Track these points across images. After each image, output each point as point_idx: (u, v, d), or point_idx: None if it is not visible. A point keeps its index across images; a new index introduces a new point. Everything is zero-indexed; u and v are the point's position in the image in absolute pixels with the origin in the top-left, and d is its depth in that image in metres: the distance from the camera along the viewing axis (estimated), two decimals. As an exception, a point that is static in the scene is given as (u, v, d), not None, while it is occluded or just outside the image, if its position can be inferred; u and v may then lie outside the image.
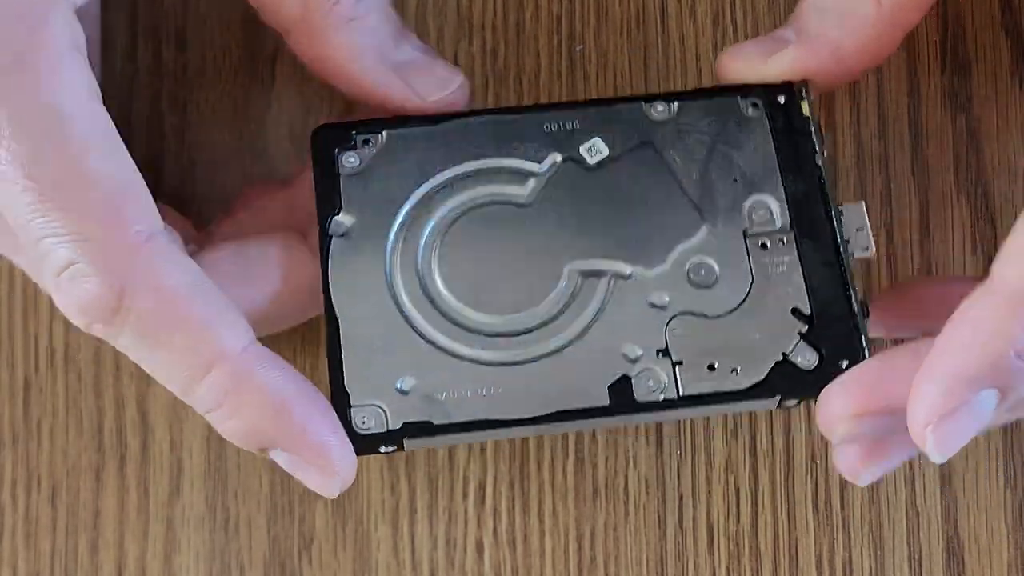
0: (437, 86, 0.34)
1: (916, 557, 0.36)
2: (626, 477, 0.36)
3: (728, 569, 0.36)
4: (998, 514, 0.36)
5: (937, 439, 0.28)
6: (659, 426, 0.37)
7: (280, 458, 0.31)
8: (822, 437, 0.36)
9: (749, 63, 0.34)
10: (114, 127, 0.30)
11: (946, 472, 0.36)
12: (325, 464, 0.30)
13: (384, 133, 0.34)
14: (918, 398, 0.28)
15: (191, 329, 0.30)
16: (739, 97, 0.34)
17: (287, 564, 0.37)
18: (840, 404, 0.30)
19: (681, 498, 0.36)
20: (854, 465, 0.31)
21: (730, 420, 0.37)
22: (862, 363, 0.31)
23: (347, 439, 0.31)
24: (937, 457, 0.28)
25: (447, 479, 0.37)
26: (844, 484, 0.36)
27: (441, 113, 0.34)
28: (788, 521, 0.36)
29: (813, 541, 0.36)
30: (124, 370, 0.37)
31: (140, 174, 0.30)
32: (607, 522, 0.36)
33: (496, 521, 0.36)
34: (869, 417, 0.30)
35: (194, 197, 0.38)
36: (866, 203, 0.33)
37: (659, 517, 0.36)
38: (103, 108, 0.30)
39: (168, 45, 0.38)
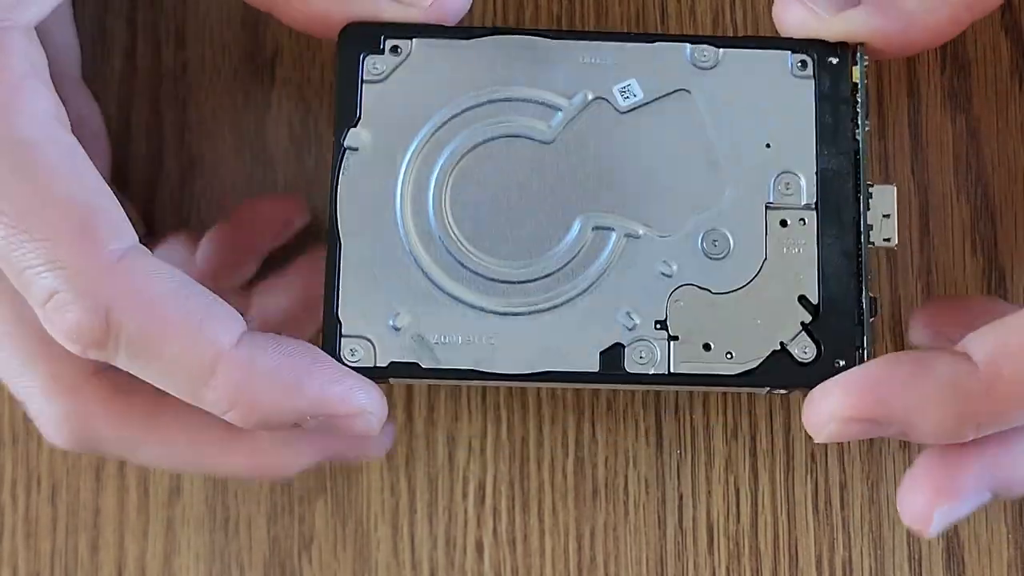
0: None
1: (916, 557, 0.36)
2: (626, 477, 0.36)
3: (728, 569, 0.36)
4: (998, 514, 0.36)
5: None
6: (659, 426, 0.37)
7: (312, 424, 0.31)
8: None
9: (814, 12, 0.32)
10: (80, 147, 0.30)
11: (946, 472, 0.36)
12: (356, 411, 0.30)
13: (414, 41, 0.32)
14: None
15: (184, 336, 0.29)
16: (790, 52, 0.32)
17: (287, 564, 0.37)
18: (833, 404, 0.29)
19: (681, 498, 0.36)
20: (922, 511, 0.30)
21: (730, 420, 0.37)
22: (863, 365, 0.30)
23: (364, 379, 0.31)
24: None
25: (447, 479, 0.37)
26: (844, 484, 0.36)
27: (476, 27, 0.33)
28: (788, 521, 0.36)
29: (813, 541, 0.36)
30: (124, 370, 0.37)
31: (110, 189, 0.30)
32: (607, 522, 0.36)
33: (496, 521, 0.36)
34: (861, 422, 0.29)
35: (194, 197, 0.38)
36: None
37: (659, 517, 0.36)
38: (66, 130, 0.30)
39: (168, 45, 0.38)
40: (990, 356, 0.29)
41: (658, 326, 0.31)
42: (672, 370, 0.31)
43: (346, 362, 0.31)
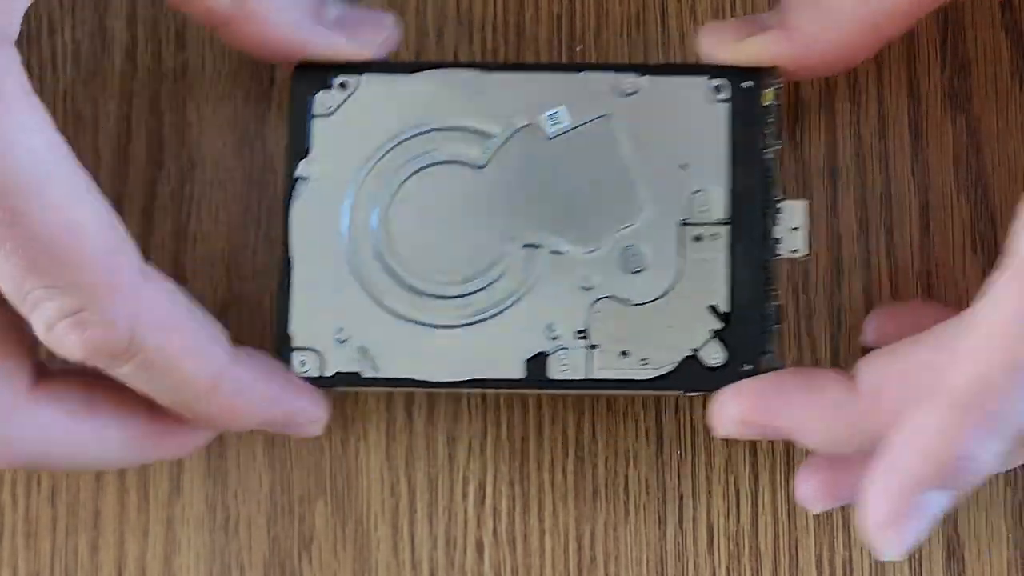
0: (375, 31, 0.35)
1: (916, 557, 0.36)
2: (626, 477, 0.37)
3: (728, 569, 0.36)
4: (998, 513, 0.36)
5: (888, 542, 0.30)
6: (659, 426, 0.37)
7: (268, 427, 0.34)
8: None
9: (722, 41, 0.34)
10: (79, 165, 0.30)
11: (946, 472, 0.36)
12: (313, 420, 0.34)
13: (364, 76, 0.35)
14: (869, 503, 0.30)
15: (196, 354, 0.31)
16: (707, 77, 0.34)
17: (287, 564, 0.37)
18: (730, 409, 0.32)
19: (681, 498, 0.36)
20: (811, 497, 0.34)
21: (730, 420, 0.37)
22: (756, 378, 0.33)
23: (316, 392, 0.34)
24: (889, 557, 0.30)
25: (447, 479, 0.37)
26: (844, 484, 0.36)
27: (419, 62, 0.36)
28: (788, 521, 0.36)
29: (813, 541, 0.36)
30: (124, 370, 0.37)
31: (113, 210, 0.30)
32: (607, 522, 0.36)
33: (496, 521, 0.36)
34: (752, 426, 0.32)
35: (194, 197, 0.38)
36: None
37: (659, 517, 0.36)
38: (69, 150, 0.30)
39: (168, 45, 0.38)
40: (870, 383, 0.31)
41: (579, 335, 0.33)
42: (591, 376, 0.33)
43: (296, 372, 0.33)
